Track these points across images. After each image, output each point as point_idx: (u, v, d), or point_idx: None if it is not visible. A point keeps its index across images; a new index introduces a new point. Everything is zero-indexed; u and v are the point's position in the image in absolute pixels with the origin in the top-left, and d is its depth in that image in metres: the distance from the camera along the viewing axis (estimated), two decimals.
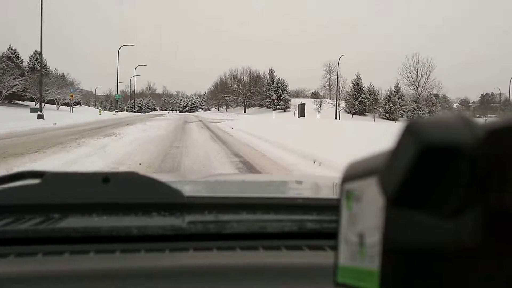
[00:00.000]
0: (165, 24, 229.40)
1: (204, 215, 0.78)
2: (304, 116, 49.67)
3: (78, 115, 34.58)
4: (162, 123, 25.30)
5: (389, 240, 0.26)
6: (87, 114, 38.62)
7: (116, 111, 52.04)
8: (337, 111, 52.93)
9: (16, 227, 0.72)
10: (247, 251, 0.71)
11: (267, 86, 68.80)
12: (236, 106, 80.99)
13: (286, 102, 65.06)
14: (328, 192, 1.24)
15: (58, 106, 51.52)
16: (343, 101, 58.70)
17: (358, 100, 57.58)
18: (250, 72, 76.39)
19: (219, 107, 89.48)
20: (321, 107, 56.36)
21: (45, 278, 0.60)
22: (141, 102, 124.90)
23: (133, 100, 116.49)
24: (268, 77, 71.46)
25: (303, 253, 0.71)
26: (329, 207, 0.82)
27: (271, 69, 73.22)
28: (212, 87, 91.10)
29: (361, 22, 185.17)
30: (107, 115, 43.41)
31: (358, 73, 65.67)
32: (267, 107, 66.73)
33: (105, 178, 0.76)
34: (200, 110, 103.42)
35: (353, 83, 59.36)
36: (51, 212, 0.75)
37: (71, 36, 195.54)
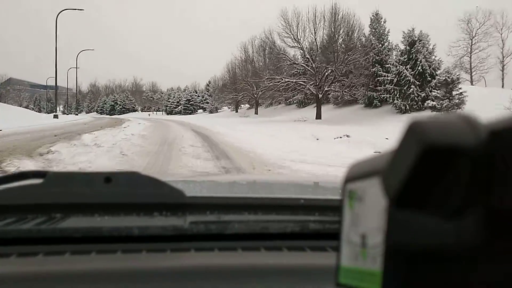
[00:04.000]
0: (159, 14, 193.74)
1: (206, 215, 0.79)
2: None
3: None
4: None
5: (392, 241, 0.26)
6: None
7: None
8: None
9: (19, 226, 0.73)
10: (249, 252, 0.71)
11: (375, 53, 26.41)
12: (272, 103, 42.83)
13: (449, 91, 21.25)
14: (331, 193, 1.19)
15: None
16: None
17: None
18: (334, 15, 28.52)
19: (237, 106, 50.68)
20: None
21: (46, 278, 0.61)
22: (115, 99, 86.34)
23: (99, 98, 79.40)
24: (368, 35, 27.62)
25: (305, 254, 0.72)
26: (332, 207, 0.82)
27: (377, 13, 27.45)
28: (226, 71, 49.07)
29: None
30: None
31: None
32: (372, 104, 26.55)
33: (107, 178, 0.76)
34: (201, 111, 64.94)
35: None
36: (53, 212, 0.76)
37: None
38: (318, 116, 26.94)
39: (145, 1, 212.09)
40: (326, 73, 27.21)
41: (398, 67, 23.81)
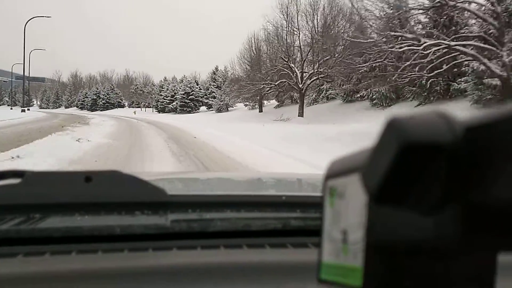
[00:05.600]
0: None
1: (188, 213, 0.79)
2: None
3: None
4: None
5: (372, 236, 0.27)
6: None
7: None
8: None
9: None
10: (231, 249, 0.71)
11: None
12: (317, 99, 27.60)
13: None
14: (312, 189, 1.20)
15: None
16: None
17: None
18: None
19: (261, 103, 33.30)
20: None
21: (26, 279, 0.60)
22: (97, 92, 70.66)
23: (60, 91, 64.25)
24: None
25: (287, 250, 0.72)
26: (313, 204, 0.82)
27: None
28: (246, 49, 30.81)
29: None
30: None
31: None
32: None
33: (88, 177, 0.75)
34: (204, 108, 49.29)
35: None
36: (32, 212, 0.75)
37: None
38: None
39: None
40: None
41: None
